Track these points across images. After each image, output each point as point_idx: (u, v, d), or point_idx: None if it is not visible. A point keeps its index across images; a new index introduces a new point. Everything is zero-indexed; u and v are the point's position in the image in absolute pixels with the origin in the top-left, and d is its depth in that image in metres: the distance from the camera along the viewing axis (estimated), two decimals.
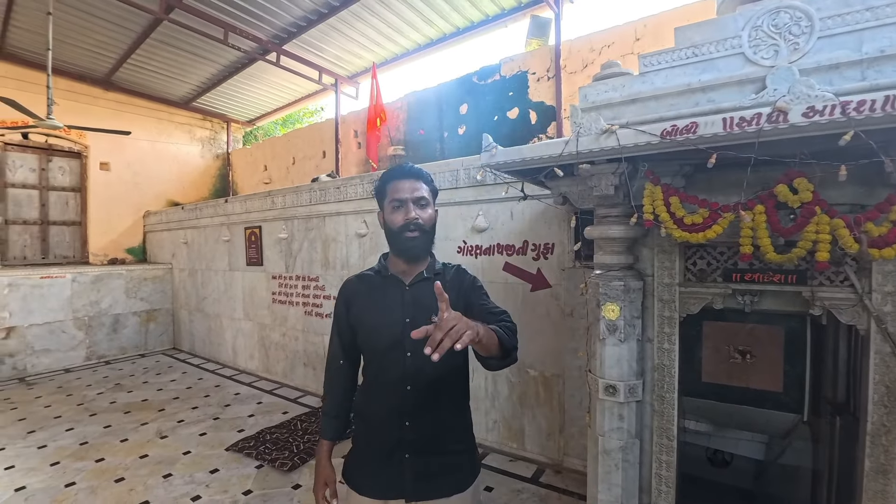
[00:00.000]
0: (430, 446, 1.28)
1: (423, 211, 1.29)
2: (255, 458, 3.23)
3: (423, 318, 1.21)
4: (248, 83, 7.37)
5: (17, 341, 5.39)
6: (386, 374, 1.30)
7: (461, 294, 1.33)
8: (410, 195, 1.28)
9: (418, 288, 1.32)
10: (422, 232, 1.28)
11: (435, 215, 1.35)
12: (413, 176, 1.31)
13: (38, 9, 5.07)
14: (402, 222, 1.26)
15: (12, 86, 6.10)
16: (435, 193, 1.38)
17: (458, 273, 1.41)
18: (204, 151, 8.49)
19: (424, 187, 1.32)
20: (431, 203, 1.34)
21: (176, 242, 6.61)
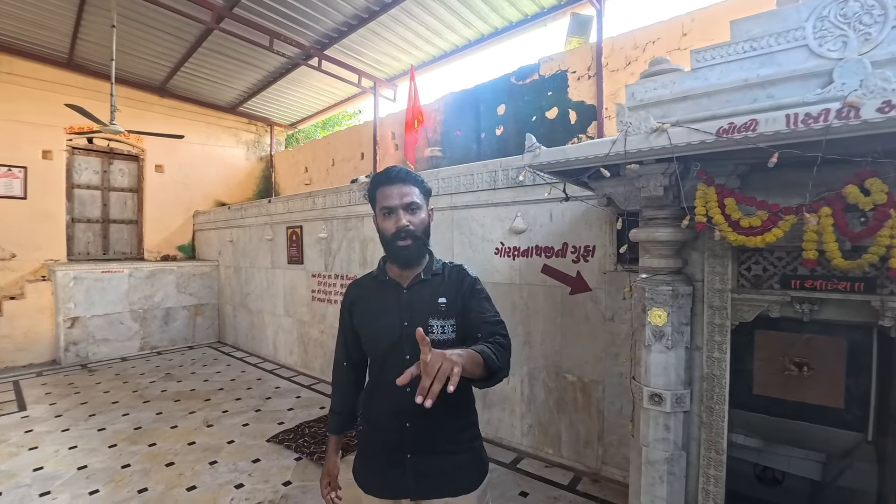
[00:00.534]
0: (431, 446, 1.28)
1: (413, 216, 1.27)
2: (294, 450, 3.33)
3: (420, 320, 1.26)
4: (290, 88, 7.62)
5: (80, 330, 5.81)
6: (387, 376, 1.30)
7: (459, 295, 1.32)
8: (399, 201, 1.26)
9: (415, 291, 1.33)
10: (413, 238, 1.26)
11: (428, 218, 1.33)
12: (401, 180, 1.28)
13: (103, 23, 5.46)
14: (394, 230, 1.26)
15: (79, 94, 6.58)
16: (427, 194, 1.35)
17: (457, 273, 1.38)
18: (249, 154, 8.86)
19: (415, 191, 1.29)
20: (424, 206, 1.32)
21: (222, 241, 6.93)
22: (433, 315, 1.28)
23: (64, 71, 6.73)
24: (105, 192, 7.13)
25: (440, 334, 1.27)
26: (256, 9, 5.35)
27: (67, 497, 2.75)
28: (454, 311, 1.30)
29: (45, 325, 5.85)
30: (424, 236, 1.31)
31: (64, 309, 5.68)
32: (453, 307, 1.30)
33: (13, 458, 3.23)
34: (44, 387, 4.87)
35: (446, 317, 1.29)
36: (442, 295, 1.31)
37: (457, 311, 1.30)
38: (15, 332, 5.67)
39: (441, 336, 1.27)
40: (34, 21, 5.70)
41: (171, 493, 2.78)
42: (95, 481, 2.93)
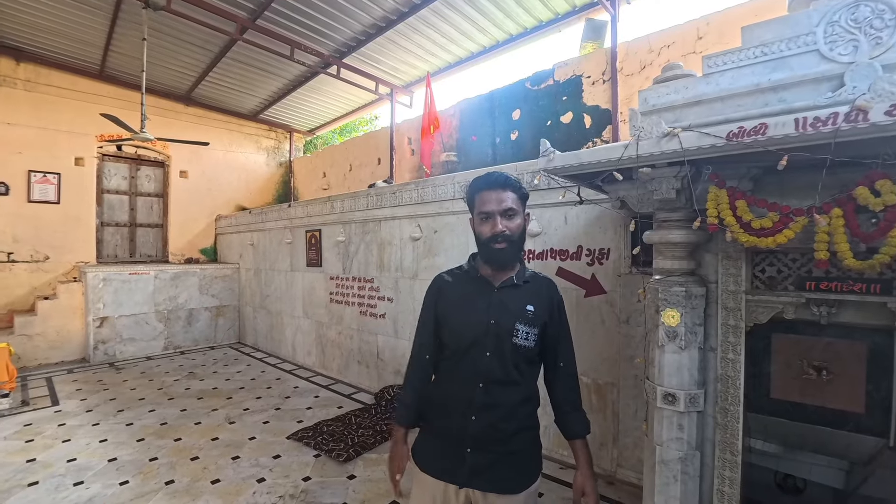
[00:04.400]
0: (492, 443, 1.32)
1: (510, 222, 1.31)
2: (313, 447, 3.42)
3: (508, 320, 1.34)
4: (309, 95, 7.82)
5: (108, 330, 6.04)
6: (462, 369, 1.37)
7: (548, 309, 1.40)
8: (497, 207, 1.31)
9: (506, 292, 1.38)
10: (509, 243, 1.31)
11: (524, 222, 1.38)
12: (499, 186, 1.33)
13: (134, 36, 5.71)
14: (490, 234, 1.31)
15: (111, 104, 6.88)
16: (524, 199, 1.39)
17: (548, 287, 1.45)
18: (269, 160, 9.09)
19: (511, 196, 1.33)
20: (520, 211, 1.36)
21: (243, 244, 7.12)
22: (520, 319, 1.34)
23: (96, 82, 7.05)
24: (132, 197, 7.40)
25: (523, 339, 1.33)
26: (279, 20, 5.53)
27: (99, 486, 2.88)
28: (539, 322, 1.36)
29: (75, 324, 6.10)
30: (520, 240, 1.36)
31: (93, 309, 5.92)
32: (539, 317, 1.37)
33: (48, 450, 3.39)
34: (75, 383, 5.08)
35: (532, 324, 1.35)
36: (530, 302, 1.37)
37: (542, 323, 1.37)
38: (48, 331, 5.93)
39: (524, 342, 1.33)
40: (69, 35, 6.00)
41: (197, 486, 2.89)
42: (125, 472, 3.06)
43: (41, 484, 2.91)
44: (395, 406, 3.85)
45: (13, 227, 6.24)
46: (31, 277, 6.33)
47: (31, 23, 5.76)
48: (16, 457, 3.29)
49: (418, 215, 4.18)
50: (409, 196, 4.25)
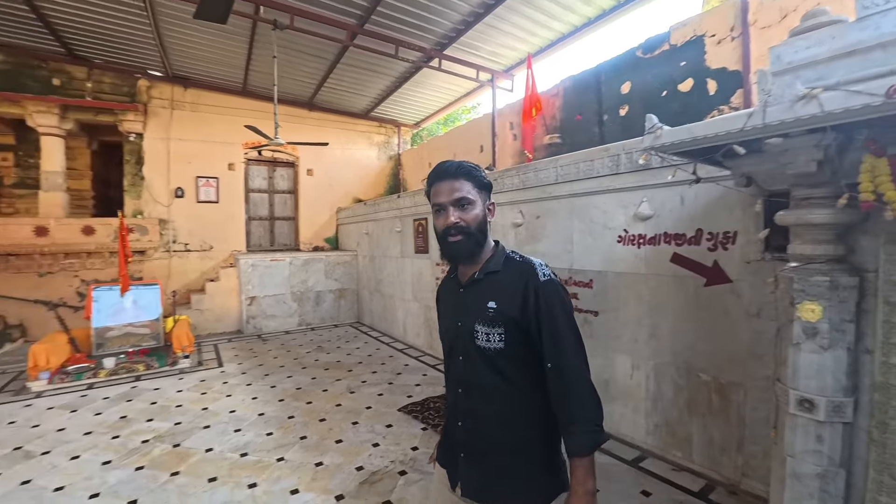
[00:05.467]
0: (479, 452, 1.24)
1: (465, 212, 1.19)
2: (420, 420, 3.68)
3: (469, 321, 1.21)
4: (414, 89, 8.16)
5: (256, 307, 7.17)
6: (449, 373, 1.35)
7: (525, 301, 1.16)
8: (448, 198, 1.19)
9: (470, 290, 1.26)
10: (466, 234, 1.19)
11: (485, 213, 1.23)
12: (451, 176, 1.20)
13: (266, 55, 6.54)
14: (443, 227, 1.21)
15: (251, 115, 8.01)
16: (484, 188, 1.25)
17: (523, 276, 1.19)
18: (380, 154, 9.76)
19: (466, 185, 1.20)
20: (478, 200, 1.22)
21: (360, 233, 7.82)
22: (479, 319, 1.20)
23: (240, 98, 8.26)
24: (271, 195, 8.60)
25: (485, 342, 1.18)
26: (384, 21, 5.85)
27: (252, 435, 3.48)
28: (504, 318, 1.17)
29: (232, 302, 7.35)
30: (478, 232, 1.21)
31: (245, 290, 7.07)
32: (504, 313, 1.17)
33: (216, 402, 4.20)
34: (233, 350, 6.15)
35: (493, 323, 1.17)
36: (493, 297, 1.19)
37: (508, 319, 1.17)
38: (214, 307, 7.24)
39: (486, 344, 1.18)
40: (220, 60, 7.11)
41: (324, 443, 3.33)
42: (270, 426, 3.65)
43: (212, 428, 3.63)
44: None
45: (188, 223, 7.72)
46: (201, 263, 7.78)
47: (194, 55, 6.97)
48: (195, 405, 4.14)
49: (520, 201, 4.14)
50: (510, 182, 4.23)
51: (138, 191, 7.57)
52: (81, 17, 6.05)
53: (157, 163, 7.65)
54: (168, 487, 2.79)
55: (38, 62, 7.30)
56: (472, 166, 1.23)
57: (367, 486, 2.78)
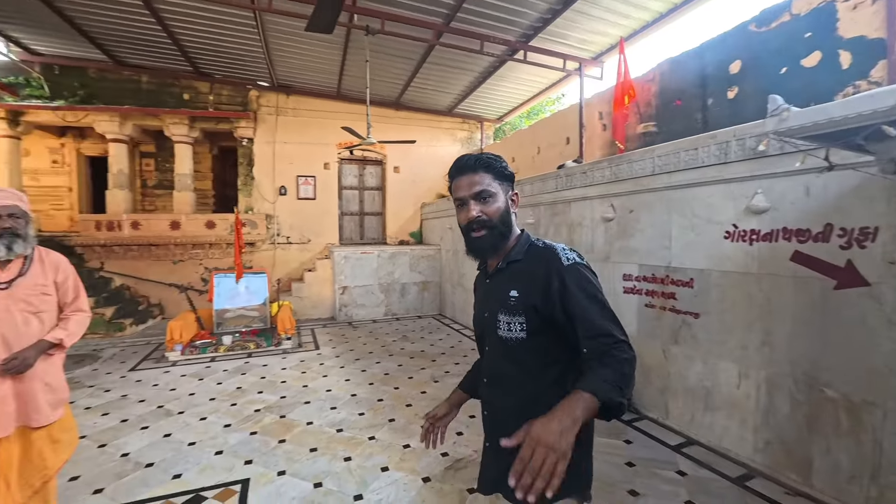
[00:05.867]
0: (497, 444, 1.15)
1: (486, 206, 1.17)
2: None
3: (493, 311, 1.21)
4: (497, 84, 8.13)
5: (347, 296, 7.70)
6: (480, 363, 1.39)
7: (542, 287, 1.12)
8: (469, 192, 1.18)
9: (494, 280, 1.26)
10: (488, 229, 1.18)
11: (506, 204, 1.20)
12: (469, 169, 1.19)
13: (358, 60, 6.94)
14: (465, 222, 1.20)
15: (344, 117, 8.57)
16: (505, 178, 1.22)
17: (541, 259, 1.17)
18: (462, 150, 9.89)
19: (486, 178, 1.18)
20: (499, 192, 1.19)
21: (443, 228, 8.02)
22: (502, 308, 1.18)
23: (334, 101, 8.87)
24: (361, 192, 9.16)
25: (506, 331, 1.17)
26: (469, 18, 5.90)
27: (345, 413, 3.77)
28: (526, 306, 1.14)
29: (326, 291, 7.97)
30: (501, 224, 1.19)
31: (338, 280, 7.63)
32: (525, 301, 1.14)
33: (314, 381, 4.61)
34: (327, 335, 6.68)
35: (514, 312, 1.15)
36: (515, 286, 1.18)
37: (531, 306, 1.13)
38: (311, 294, 7.92)
39: (508, 334, 1.17)
40: (317, 68, 7.70)
41: (410, 427, 3.50)
42: (361, 406, 3.92)
43: (311, 404, 3.99)
44: None
45: (290, 218, 8.51)
46: (300, 255, 8.54)
47: (295, 65, 7.63)
48: (297, 382, 4.58)
49: (611, 194, 3.96)
50: (600, 174, 4.06)
51: (249, 189, 8.51)
52: (206, 38, 6.92)
53: (264, 164, 8.52)
54: (277, 453, 3.13)
55: (173, 81, 8.51)
56: (491, 157, 1.21)
57: (451, 471, 2.88)
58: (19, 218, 2.05)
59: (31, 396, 2.05)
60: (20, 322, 2.03)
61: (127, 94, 8.30)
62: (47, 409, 2.09)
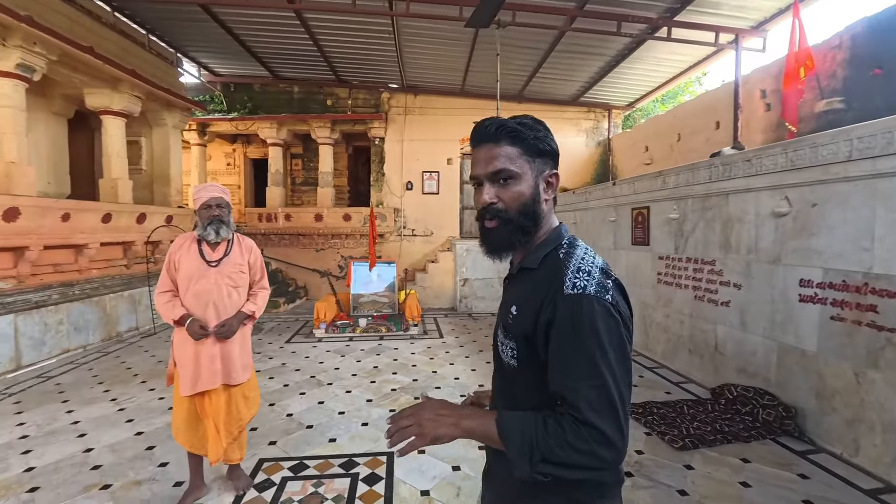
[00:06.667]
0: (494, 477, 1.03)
1: (503, 189, 0.89)
2: (643, 424, 3.42)
3: (496, 325, 0.99)
4: (631, 67, 7.52)
5: (468, 288, 7.89)
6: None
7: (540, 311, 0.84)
8: (484, 170, 0.90)
9: (508, 286, 1.03)
10: (502, 220, 0.90)
11: (534, 190, 0.90)
12: (489, 139, 0.90)
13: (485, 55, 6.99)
14: (479, 208, 0.93)
15: (466, 113, 8.79)
16: (540, 154, 0.91)
17: (552, 277, 0.85)
18: (588, 141, 9.40)
19: (508, 152, 0.89)
20: (526, 173, 0.90)
21: (566, 222, 7.69)
22: (500, 325, 0.97)
23: (457, 98, 9.10)
24: None
25: (502, 352, 0.95)
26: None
27: None
28: (518, 331, 0.89)
29: (448, 282, 8.26)
30: (521, 216, 0.90)
31: (459, 272, 7.85)
32: (520, 324, 0.88)
33: (442, 367, 4.80)
34: (450, 324, 6.92)
35: (508, 334, 0.92)
36: (517, 301, 0.92)
37: (521, 333, 0.88)
38: (433, 285, 8.28)
39: (503, 356, 0.94)
40: (445, 67, 7.96)
41: None
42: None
43: (442, 389, 4.17)
44: (741, 407, 3.32)
45: (415, 211, 9.00)
46: (423, 247, 8.99)
47: (423, 65, 7.99)
48: (426, 367, 4.82)
49: (786, 185, 3.38)
50: (771, 162, 3.49)
51: (380, 185, 9.19)
52: (347, 47, 7.61)
53: (393, 161, 9.13)
54: None
55: (318, 89, 9.55)
56: (522, 123, 0.91)
57: None
58: (224, 208, 2.47)
59: (231, 358, 2.46)
60: (225, 294, 2.46)
61: (282, 104, 9.56)
62: (241, 370, 2.51)
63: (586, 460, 0.74)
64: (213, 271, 2.46)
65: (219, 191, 2.49)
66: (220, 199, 2.46)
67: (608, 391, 0.75)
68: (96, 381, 4.43)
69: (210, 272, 2.43)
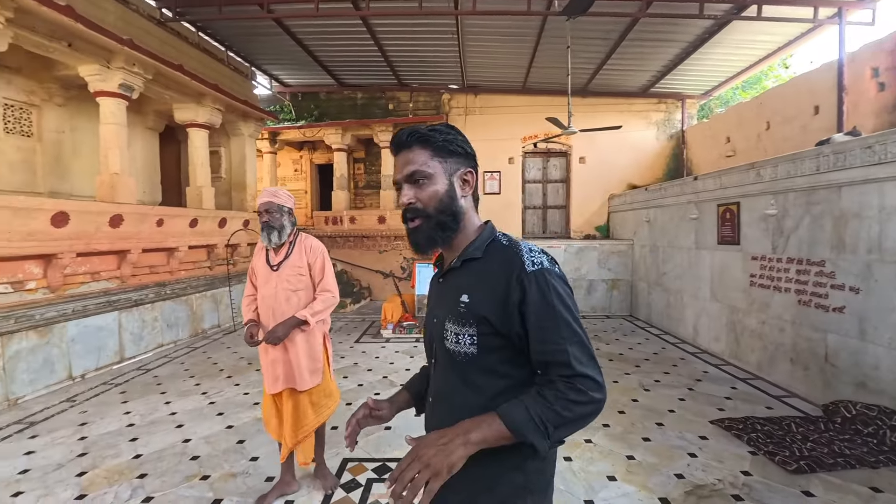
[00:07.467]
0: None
1: (420, 189, 0.97)
2: (746, 442, 3.10)
3: (441, 317, 1.00)
4: (709, 53, 6.98)
5: None
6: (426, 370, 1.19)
7: (507, 296, 0.90)
8: (401, 174, 0.98)
9: (447, 280, 1.04)
10: (424, 218, 0.97)
11: (449, 188, 0.97)
12: (403, 146, 0.98)
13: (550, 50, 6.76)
14: (402, 210, 1.00)
15: (527, 110, 8.59)
16: (451, 154, 0.98)
17: (506, 265, 0.92)
18: (658, 134, 8.85)
19: (421, 155, 0.96)
20: (438, 173, 0.97)
21: (638, 221, 7.29)
22: (450, 316, 0.97)
23: (518, 96, 8.92)
24: (544, 185, 9.02)
25: (454, 344, 0.96)
26: None
27: None
28: (477, 316, 0.92)
29: None
30: (439, 214, 0.97)
31: None
32: (477, 309, 0.92)
33: None
34: None
35: (463, 321, 0.94)
36: (467, 290, 0.95)
37: (482, 316, 0.92)
38: None
39: (456, 346, 0.95)
40: (506, 64, 7.82)
41: (629, 437, 3.21)
42: None
43: None
44: (845, 424, 2.90)
45: None
46: None
47: (484, 64, 7.90)
48: None
49: None
50: None
51: None
52: (409, 51, 7.69)
53: None
54: None
55: (380, 94, 9.75)
56: (432, 129, 0.98)
57: (694, 498, 2.51)
58: (273, 213, 2.40)
59: (295, 363, 2.43)
60: (282, 299, 2.42)
61: (346, 110, 9.86)
62: (307, 376, 2.45)
63: (588, 409, 0.83)
64: (274, 276, 2.44)
65: (267, 195, 2.43)
66: (270, 203, 2.40)
67: (585, 345, 0.87)
68: (188, 375, 4.76)
69: (272, 276, 2.44)
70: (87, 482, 2.73)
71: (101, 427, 3.50)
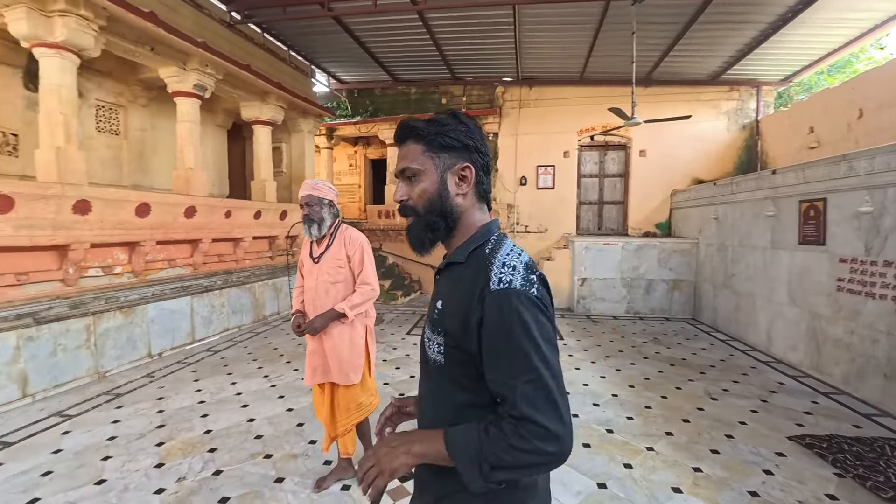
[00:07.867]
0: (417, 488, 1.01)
1: (412, 187, 0.93)
2: (830, 463, 2.81)
3: (431, 313, 0.95)
4: (791, 34, 6.36)
5: (586, 289, 7.41)
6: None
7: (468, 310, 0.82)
8: (397, 169, 0.96)
9: (442, 278, 0.98)
10: (416, 216, 0.93)
11: (440, 185, 0.91)
12: (400, 140, 0.96)
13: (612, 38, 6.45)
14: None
15: (583, 102, 8.28)
16: (444, 148, 0.91)
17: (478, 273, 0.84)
18: (729, 124, 8.21)
19: (411, 150, 0.93)
20: (428, 169, 0.92)
21: (704, 218, 6.82)
22: (428, 320, 0.95)
23: (575, 87, 8.59)
24: (601, 179, 8.66)
25: (428, 349, 0.94)
26: None
27: (611, 414, 3.55)
28: (443, 327, 0.88)
29: (564, 281, 7.86)
30: (427, 213, 0.92)
31: (577, 270, 7.42)
32: (445, 319, 0.88)
33: (567, 372, 4.52)
34: (568, 326, 6.57)
35: (434, 329, 0.91)
36: (444, 296, 0.91)
37: (447, 329, 0.88)
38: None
39: (429, 352, 0.93)
40: (562, 54, 7.55)
41: (696, 448, 3.01)
42: (627, 410, 3.62)
43: (571, 396, 3.90)
44: None
45: (528, 207, 8.74)
46: (537, 244, 8.69)
47: (540, 54, 7.67)
48: None
49: None
50: None
51: (493, 181, 9.10)
52: (464, 44, 7.62)
53: (506, 156, 8.97)
54: None
55: (434, 88, 9.77)
56: (430, 121, 0.93)
57: None
58: (313, 206, 2.39)
59: (334, 356, 2.42)
60: (322, 292, 2.43)
61: (400, 106, 9.98)
62: (348, 370, 2.43)
63: (532, 458, 0.74)
64: (316, 268, 2.46)
65: (308, 188, 2.42)
66: (310, 196, 2.40)
67: (544, 384, 0.75)
68: (251, 358, 5.04)
69: (314, 268, 2.46)
70: (164, 452, 2.96)
71: (177, 402, 3.79)
